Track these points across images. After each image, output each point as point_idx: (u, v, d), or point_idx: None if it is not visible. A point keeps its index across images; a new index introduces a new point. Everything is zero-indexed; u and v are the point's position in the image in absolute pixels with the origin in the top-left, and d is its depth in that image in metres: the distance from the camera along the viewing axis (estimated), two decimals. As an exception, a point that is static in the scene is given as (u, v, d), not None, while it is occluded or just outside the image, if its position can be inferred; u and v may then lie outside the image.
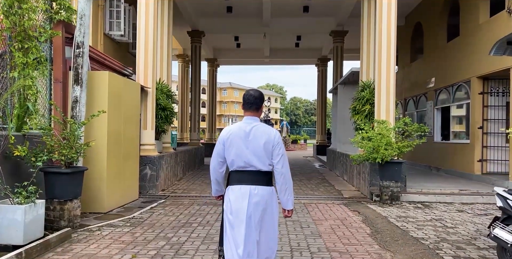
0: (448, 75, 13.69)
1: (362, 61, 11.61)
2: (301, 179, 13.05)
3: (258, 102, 3.51)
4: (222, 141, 3.44)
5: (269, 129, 3.45)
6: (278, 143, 3.40)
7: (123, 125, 8.18)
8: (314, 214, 7.56)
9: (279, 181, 3.41)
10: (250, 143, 3.36)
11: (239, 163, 3.38)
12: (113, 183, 7.67)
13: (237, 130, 3.43)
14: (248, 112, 3.52)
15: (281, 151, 3.41)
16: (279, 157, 3.38)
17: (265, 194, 3.34)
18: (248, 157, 3.35)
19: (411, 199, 9.07)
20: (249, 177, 3.36)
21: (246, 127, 3.43)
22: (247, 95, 3.53)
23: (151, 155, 9.82)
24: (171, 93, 11.55)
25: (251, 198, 3.30)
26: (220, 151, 3.47)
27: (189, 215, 7.38)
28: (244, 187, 3.34)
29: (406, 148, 8.80)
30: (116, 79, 7.90)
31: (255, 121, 3.49)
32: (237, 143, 3.38)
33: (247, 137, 3.38)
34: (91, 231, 6.09)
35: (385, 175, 8.74)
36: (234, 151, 3.38)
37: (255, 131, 3.40)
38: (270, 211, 3.38)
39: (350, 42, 19.42)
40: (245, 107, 3.53)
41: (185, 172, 13.67)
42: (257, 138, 3.39)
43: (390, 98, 9.66)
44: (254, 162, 3.35)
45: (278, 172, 3.40)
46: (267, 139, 3.38)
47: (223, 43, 22.94)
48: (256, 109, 3.51)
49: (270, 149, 3.37)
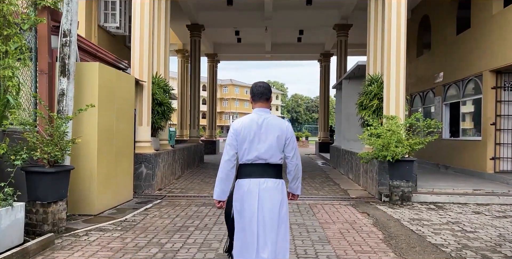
0: (458, 69, 13.12)
1: (368, 53, 11.05)
2: (305, 177, 12.50)
3: (267, 93, 3.47)
4: (235, 133, 3.36)
5: (282, 122, 3.42)
6: (291, 136, 3.41)
7: (116, 120, 7.64)
8: (321, 216, 7.02)
9: (293, 172, 3.49)
10: (262, 136, 3.33)
11: (250, 156, 3.32)
12: (104, 183, 7.14)
13: (249, 122, 3.38)
14: (258, 104, 3.46)
15: (294, 144, 3.43)
16: (293, 151, 3.41)
17: (274, 187, 3.32)
18: (260, 150, 3.31)
19: (422, 199, 8.52)
20: (259, 170, 3.32)
21: (258, 119, 3.37)
22: (256, 86, 3.49)
23: (147, 152, 9.28)
24: (168, 88, 11.00)
25: (261, 191, 3.27)
26: (233, 143, 3.37)
27: (185, 217, 6.84)
28: (254, 180, 3.30)
29: (418, 145, 8.25)
30: (107, 71, 7.35)
31: (266, 112, 3.44)
32: (250, 136, 3.32)
33: (259, 129, 3.34)
34: (77, 236, 5.56)
35: (395, 174, 8.20)
36: (246, 144, 3.32)
37: (268, 124, 3.36)
38: (279, 205, 3.32)
39: (354, 37, 18.86)
40: (254, 99, 3.48)
41: (184, 170, 13.14)
42: (270, 131, 3.35)
43: (400, 92, 9.10)
44: (265, 155, 3.31)
45: (293, 164, 3.45)
46: (280, 132, 3.35)
47: (223, 37, 22.37)
48: (266, 99, 3.47)
49: (283, 142, 3.36)
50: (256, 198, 3.27)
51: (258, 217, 3.25)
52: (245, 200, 3.30)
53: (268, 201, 3.28)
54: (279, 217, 3.31)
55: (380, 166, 8.92)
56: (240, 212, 3.33)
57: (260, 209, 3.26)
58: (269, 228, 3.26)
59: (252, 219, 3.26)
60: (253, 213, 3.26)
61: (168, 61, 11.53)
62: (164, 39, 11.15)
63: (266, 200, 3.27)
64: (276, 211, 3.29)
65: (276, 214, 3.29)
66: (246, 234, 3.28)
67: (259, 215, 3.26)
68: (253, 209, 3.26)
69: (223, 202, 3.49)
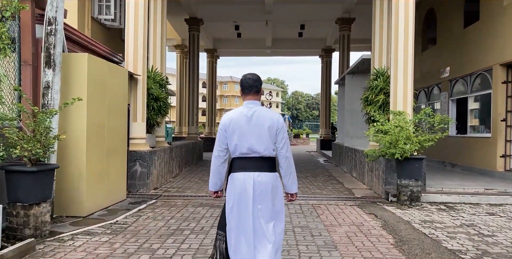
0: (465, 63, 12.65)
1: (374, 46, 10.58)
2: (307, 176, 12.07)
3: (257, 85, 3.40)
4: (224, 128, 3.33)
5: (272, 113, 3.37)
6: (282, 127, 3.34)
7: (108, 116, 7.19)
8: (325, 218, 6.58)
9: (284, 165, 3.37)
10: (253, 128, 3.27)
11: (242, 149, 3.27)
12: (94, 182, 6.69)
13: (238, 115, 3.33)
14: (248, 96, 3.40)
15: (284, 135, 3.35)
16: (283, 142, 3.33)
17: (269, 180, 3.26)
18: (251, 142, 3.26)
19: (432, 199, 8.08)
20: (253, 164, 3.27)
21: (248, 111, 3.32)
22: (245, 79, 3.43)
23: (141, 150, 8.83)
24: (164, 82, 10.53)
25: (255, 185, 3.22)
26: (222, 138, 3.35)
27: (181, 219, 6.39)
28: (248, 174, 3.25)
29: (428, 142, 7.81)
30: (98, 63, 6.89)
31: (256, 105, 3.38)
32: (240, 129, 3.27)
33: (249, 122, 3.28)
34: (62, 240, 5.11)
35: (404, 172, 7.75)
36: (236, 137, 3.28)
37: (258, 116, 3.30)
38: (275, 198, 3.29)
39: (356, 32, 18.38)
40: (244, 92, 3.41)
41: (182, 168, 12.70)
42: (260, 122, 3.29)
43: (407, 87, 8.64)
44: (258, 147, 3.26)
45: (282, 156, 3.35)
46: (270, 124, 3.29)
47: (223, 32, 21.86)
48: (256, 92, 3.41)
49: (274, 133, 3.30)
50: (251, 192, 3.21)
51: (254, 211, 3.20)
52: (240, 194, 3.24)
53: (263, 194, 3.23)
54: (273, 210, 3.27)
55: (386, 164, 8.47)
56: (234, 206, 3.26)
57: (255, 202, 3.21)
58: (266, 222, 3.22)
59: (247, 214, 3.20)
60: (249, 207, 3.21)
61: (164, 54, 11.06)
62: (160, 31, 10.67)
63: (261, 194, 3.23)
64: (271, 205, 3.25)
65: (271, 208, 3.26)
66: (241, 230, 3.21)
67: (254, 209, 3.21)
68: (248, 203, 3.21)
69: (220, 191, 3.54)
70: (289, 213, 6.84)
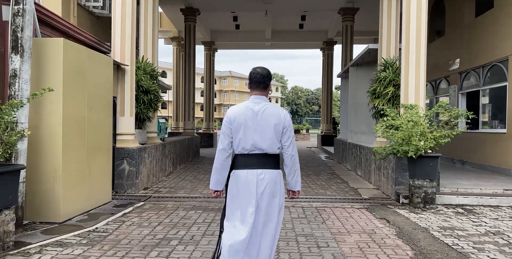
0: (477, 54, 11.89)
1: (381, 35, 9.82)
2: (308, 174, 11.35)
3: (266, 81, 3.30)
4: (229, 122, 3.21)
5: (279, 110, 3.27)
6: (289, 125, 3.25)
7: (89, 109, 6.45)
8: (332, 224, 5.86)
9: (289, 164, 3.27)
10: (259, 124, 3.17)
11: (246, 145, 3.17)
12: (72, 183, 5.96)
13: (244, 109, 3.22)
14: (255, 91, 3.30)
15: (291, 133, 3.26)
16: (290, 140, 3.24)
17: (272, 178, 3.17)
18: (256, 139, 3.16)
19: (447, 201, 7.37)
20: (256, 161, 3.17)
21: (254, 106, 3.22)
22: (255, 73, 3.31)
23: (130, 147, 8.10)
24: (156, 74, 9.78)
25: (258, 183, 3.13)
26: (227, 132, 3.23)
27: (169, 225, 5.67)
28: (251, 171, 3.15)
29: (444, 139, 7.07)
30: (76, 49, 6.13)
31: (263, 100, 3.28)
32: (245, 124, 3.17)
33: (255, 117, 3.18)
34: (27, 254, 4.38)
35: (417, 172, 7.02)
36: (241, 133, 3.17)
37: (265, 112, 3.20)
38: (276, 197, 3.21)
39: (360, 24, 17.60)
40: (252, 86, 3.32)
41: (176, 166, 11.97)
42: (267, 119, 3.19)
43: (420, 77, 7.90)
44: (262, 144, 3.16)
45: (288, 155, 3.25)
46: (277, 121, 3.20)
47: (220, 24, 21.05)
48: (264, 88, 3.31)
49: (280, 131, 3.20)
50: (254, 190, 3.11)
51: (256, 209, 3.11)
52: (242, 191, 3.14)
53: (266, 192, 3.14)
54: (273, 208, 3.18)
55: (397, 163, 7.76)
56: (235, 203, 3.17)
57: (258, 200, 3.12)
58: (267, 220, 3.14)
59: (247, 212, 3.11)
60: (251, 204, 3.11)
61: (156, 44, 10.30)
62: (151, 19, 9.90)
63: (264, 191, 3.13)
64: (273, 203, 3.17)
65: (272, 206, 3.17)
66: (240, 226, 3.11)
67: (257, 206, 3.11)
68: (251, 200, 3.12)
69: (220, 192, 3.37)
70: (291, 218, 6.12)
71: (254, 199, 3.11)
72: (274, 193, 3.18)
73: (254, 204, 3.10)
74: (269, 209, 3.16)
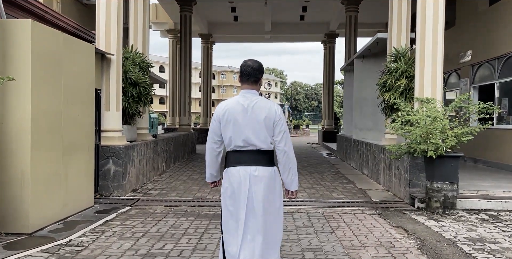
0: (492, 45, 11.11)
1: (391, 23, 9.01)
2: (311, 172, 10.60)
3: (257, 74, 3.12)
4: (218, 118, 3.08)
5: (270, 104, 3.11)
6: (280, 119, 3.07)
7: (65, 102, 5.66)
8: (343, 234, 5.10)
9: (282, 161, 3.10)
10: (249, 119, 3.01)
11: (237, 142, 3.02)
12: (44, 188, 5.19)
13: (234, 105, 3.07)
14: (245, 85, 3.14)
15: (283, 127, 3.08)
16: (281, 135, 3.07)
17: (266, 175, 3.02)
18: (247, 134, 3.01)
19: (468, 205, 6.62)
20: (249, 157, 3.03)
21: (244, 101, 3.07)
22: (245, 66, 3.14)
23: (116, 144, 7.33)
24: (147, 65, 8.98)
25: (251, 180, 2.98)
26: (216, 129, 3.11)
27: (155, 237, 4.91)
28: (243, 168, 3.01)
29: (466, 136, 6.33)
30: (48, 33, 5.33)
31: (254, 95, 3.12)
32: (235, 120, 3.02)
33: (245, 112, 3.02)
34: (-23, 277, 3.64)
35: (436, 173, 6.27)
36: (231, 129, 3.03)
37: (255, 106, 3.04)
38: (273, 194, 3.04)
39: (363, 16, 16.78)
40: (242, 80, 3.15)
41: (170, 164, 11.21)
42: (257, 113, 3.02)
43: (437, 68, 7.16)
44: (254, 140, 3.01)
45: (280, 151, 3.08)
46: (267, 114, 3.04)
47: (218, 15, 20.21)
48: (254, 81, 3.13)
49: (271, 125, 3.05)
50: (246, 188, 2.99)
51: (247, 208, 2.97)
52: (235, 190, 3.02)
53: (260, 190, 3.00)
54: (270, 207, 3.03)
55: (411, 162, 7.00)
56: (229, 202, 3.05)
57: (251, 200, 2.98)
58: (260, 220, 2.97)
59: (240, 211, 2.98)
60: (243, 203, 2.98)
61: (147, 33, 9.50)
62: (142, 5, 9.09)
63: (258, 190, 3.00)
64: (268, 202, 3.02)
65: (268, 205, 3.02)
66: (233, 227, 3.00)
67: (249, 206, 2.97)
68: (243, 199, 2.98)
69: (217, 182, 3.33)
70: (296, 227, 5.37)
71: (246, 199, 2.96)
72: (270, 191, 3.02)
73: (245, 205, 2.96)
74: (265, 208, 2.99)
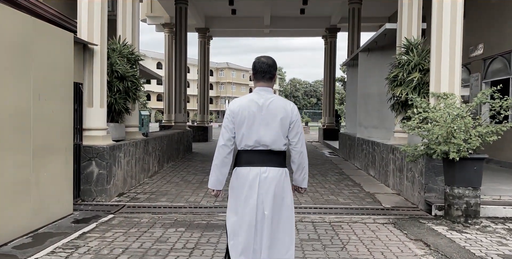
0: (506, 38, 10.41)
1: (401, 12, 8.29)
2: (314, 173, 9.90)
3: (272, 71, 3.04)
4: (231, 115, 2.97)
5: (286, 102, 3.02)
6: (297, 119, 3.01)
7: (36, 98, 4.94)
8: (355, 250, 4.40)
9: (297, 161, 3.05)
10: (264, 119, 2.93)
11: (249, 141, 2.94)
12: (9, 196, 4.47)
13: (248, 103, 2.98)
14: (260, 83, 3.04)
15: (300, 128, 3.03)
16: (298, 136, 3.01)
17: (276, 177, 2.93)
18: (260, 134, 2.93)
19: (491, 213, 5.92)
20: (260, 158, 2.94)
21: (259, 99, 2.97)
22: (259, 62, 3.03)
23: (99, 144, 6.61)
24: (136, 57, 8.25)
25: (261, 181, 2.90)
26: (229, 126, 2.98)
27: (137, 255, 4.19)
28: (254, 169, 2.93)
29: (491, 136, 5.64)
30: (13, 17, 4.60)
31: (268, 93, 3.02)
32: (249, 118, 2.93)
33: (260, 111, 2.93)
34: None
35: (456, 177, 5.57)
36: (244, 127, 2.94)
37: (270, 105, 2.95)
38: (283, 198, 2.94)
39: (367, 9, 16.06)
40: (256, 77, 3.05)
41: (163, 165, 10.50)
42: (273, 113, 2.94)
43: (455, 60, 6.43)
44: (267, 140, 2.93)
45: (297, 152, 3.02)
46: (284, 115, 2.95)
47: (215, 9, 19.47)
48: (269, 78, 3.05)
49: (287, 126, 2.97)
50: (256, 190, 2.89)
51: (258, 211, 2.87)
52: (244, 191, 2.91)
53: (270, 192, 2.89)
54: (281, 210, 2.92)
55: (427, 165, 6.30)
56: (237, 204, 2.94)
57: (260, 202, 2.87)
58: (270, 223, 2.87)
59: (251, 213, 2.87)
60: (253, 206, 2.87)
61: (137, 23, 8.78)
62: (130, -7, 8.37)
63: (267, 192, 2.89)
64: (278, 204, 2.91)
65: (278, 208, 2.91)
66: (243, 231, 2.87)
67: (259, 208, 2.87)
68: (252, 201, 2.88)
69: (219, 191, 3.12)
70: (301, 240, 4.67)
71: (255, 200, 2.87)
72: (280, 194, 2.93)
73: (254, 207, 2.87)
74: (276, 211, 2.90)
